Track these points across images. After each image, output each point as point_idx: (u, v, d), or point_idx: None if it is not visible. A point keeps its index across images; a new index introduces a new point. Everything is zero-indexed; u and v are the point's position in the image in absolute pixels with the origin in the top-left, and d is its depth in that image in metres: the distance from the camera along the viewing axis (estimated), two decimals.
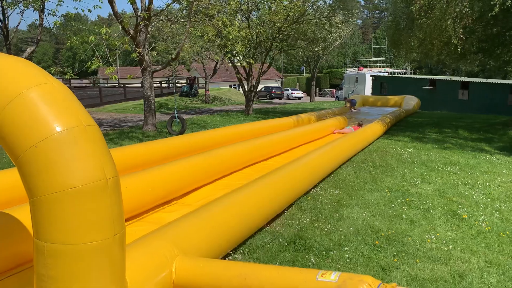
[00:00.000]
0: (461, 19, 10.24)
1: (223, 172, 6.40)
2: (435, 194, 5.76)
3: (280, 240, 4.03)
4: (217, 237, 3.29)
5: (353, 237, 4.12)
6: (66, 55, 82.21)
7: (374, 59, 50.67)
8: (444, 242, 4.02)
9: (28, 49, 15.65)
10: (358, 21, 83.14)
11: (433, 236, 4.16)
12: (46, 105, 2.11)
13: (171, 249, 2.81)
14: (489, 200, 5.47)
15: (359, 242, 3.98)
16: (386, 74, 36.09)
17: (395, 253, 3.74)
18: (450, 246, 3.91)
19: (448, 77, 29.62)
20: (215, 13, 14.32)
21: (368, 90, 33.90)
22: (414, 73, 44.55)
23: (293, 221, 4.57)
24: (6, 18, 14.78)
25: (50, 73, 2.38)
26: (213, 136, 8.45)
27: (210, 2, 14.27)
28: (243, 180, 5.85)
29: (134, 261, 2.53)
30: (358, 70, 42.64)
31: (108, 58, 8.87)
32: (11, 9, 13.95)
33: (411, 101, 19.86)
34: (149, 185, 4.74)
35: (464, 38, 10.68)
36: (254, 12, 18.88)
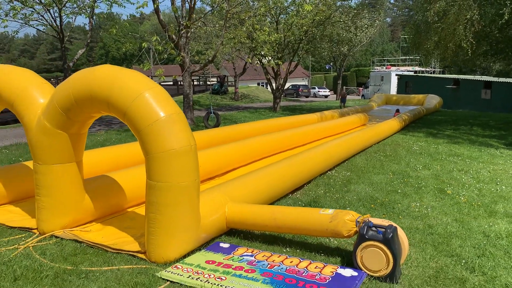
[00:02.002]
0: (472, 25, 11.22)
1: (255, 157, 7.78)
2: (430, 177, 6.93)
3: (299, 203, 5.36)
4: (254, 194, 4.66)
5: (355, 202, 5.40)
6: (99, 53, 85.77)
7: (403, 57, 50.78)
8: (425, 207, 5.24)
9: (79, 51, 17.52)
10: (388, 19, 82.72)
11: (418, 204, 5.38)
12: (155, 100, 3.52)
13: (225, 197, 4.19)
14: (474, 182, 6.60)
15: (358, 205, 5.26)
16: (411, 73, 36.52)
17: (384, 212, 5.00)
18: (429, 210, 5.13)
19: (471, 77, 29.91)
20: (246, 17, 15.66)
21: (393, 89, 34.48)
22: (443, 72, 44.49)
23: (310, 192, 5.89)
24: (61, 24, 16.63)
25: None
26: (245, 129, 9.84)
27: (242, 8, 15.67)
28: None
29: (202, 203, 3.91)
30: (386, 68, 43.08)
31: (157, 61, 10.39)
32: (68, 16, 15.78)
33: (433, 100, 20.68)
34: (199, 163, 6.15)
35: (474, 42, 11.63)
36: (282, 16, 20.10)
